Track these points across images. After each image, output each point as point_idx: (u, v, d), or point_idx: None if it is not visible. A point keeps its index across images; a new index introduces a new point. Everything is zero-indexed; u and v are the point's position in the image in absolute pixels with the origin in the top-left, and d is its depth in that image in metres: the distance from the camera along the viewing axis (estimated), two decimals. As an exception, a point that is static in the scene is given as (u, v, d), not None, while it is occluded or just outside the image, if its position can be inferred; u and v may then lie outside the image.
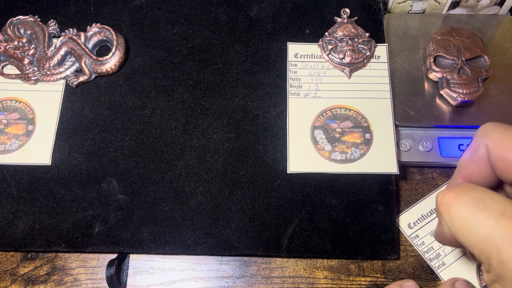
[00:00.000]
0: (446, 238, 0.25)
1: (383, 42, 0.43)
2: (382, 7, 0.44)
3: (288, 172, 0.38)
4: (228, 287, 0.36)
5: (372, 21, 0.44)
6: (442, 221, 0.23)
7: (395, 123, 0.40)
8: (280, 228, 0.37)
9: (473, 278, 0.36)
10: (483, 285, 0.36)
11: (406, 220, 0.39)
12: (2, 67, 0.42)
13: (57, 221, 0.37)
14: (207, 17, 0.44)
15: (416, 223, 0.39)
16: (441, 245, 0.37)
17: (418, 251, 0.37)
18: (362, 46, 0.42)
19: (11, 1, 0.45)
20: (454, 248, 0.37)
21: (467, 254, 0.36)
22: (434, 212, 0.39)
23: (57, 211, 0.37)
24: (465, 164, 0.25)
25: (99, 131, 0.40)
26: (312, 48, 0.43)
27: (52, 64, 0.41)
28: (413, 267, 0.37)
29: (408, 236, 0.38)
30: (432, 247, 0.37)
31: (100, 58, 0.41)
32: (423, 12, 0.47)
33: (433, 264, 0.37)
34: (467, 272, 0.36)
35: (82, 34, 0.42)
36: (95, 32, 0.43)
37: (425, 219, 0.39)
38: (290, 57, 0.42)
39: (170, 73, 0.42)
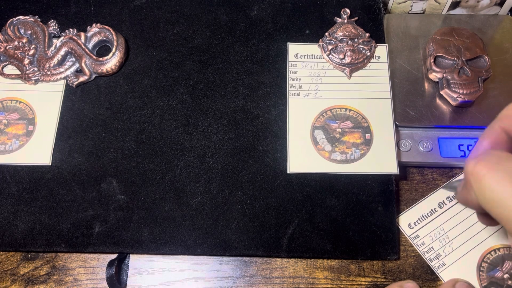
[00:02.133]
0: (471, 203, 0.24)
1: (383, 42, 0.43)
2: (382, 7, 0.44)
3: (288, 172, 0.38)
4: (228, 287, 0.36)
5: (372, 21, 0.44)
6: (469, 189, 0.23)
7: (395, 123, 0.40)
8: (280, 228, 0.37)
9: (473, 279, 0.36)
10: (483, 285, 0.36)
11: (406, 220, 0.39)
12: (2, 67, 0.42)
13: (57, 221, 0.37)
14: (207, 17, 0.44)
15: (416, 223, 0.38)
16: (441, 245, 0.37)
17: (418, 251, 0.37)
18: (362, 46, 0.42)
19: (11, 1, 0.45)
20: (454, 248, 0.37)
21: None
22: (434, 213, 0.39)
23: (57, 211, 0.37)
24: (508, 113, 0.24)
25: (99, 131, 0.40)
26: (312, 48, 0.43)
27: (52, 64, 0.41)
28: (413, 267, 0.37)
29: (408, 236, 0.38)
30: (432, 247, 0.37)
31: (100, 58, 0.41)
32: (423, 12, 0.47)
33: (433, 265, 0.37)
34: (467, 272, 0.36)
35: (82, 34, 0.42)
36: (95, 32, 0.43)
37: (425, 219, 0.39)
38: (290, 57, 0.42)
39: (170, 73, 0.42)
